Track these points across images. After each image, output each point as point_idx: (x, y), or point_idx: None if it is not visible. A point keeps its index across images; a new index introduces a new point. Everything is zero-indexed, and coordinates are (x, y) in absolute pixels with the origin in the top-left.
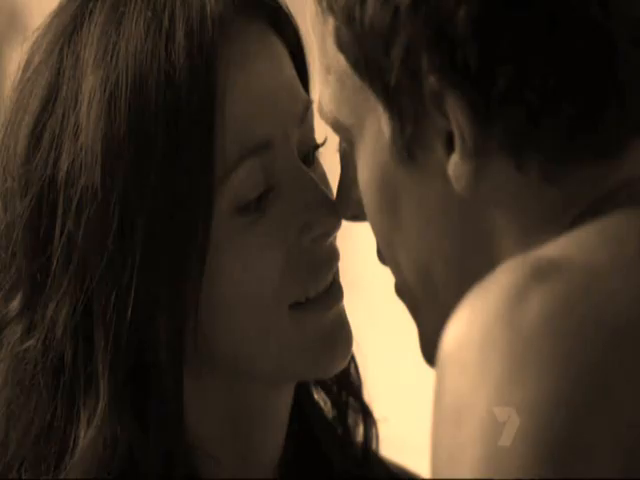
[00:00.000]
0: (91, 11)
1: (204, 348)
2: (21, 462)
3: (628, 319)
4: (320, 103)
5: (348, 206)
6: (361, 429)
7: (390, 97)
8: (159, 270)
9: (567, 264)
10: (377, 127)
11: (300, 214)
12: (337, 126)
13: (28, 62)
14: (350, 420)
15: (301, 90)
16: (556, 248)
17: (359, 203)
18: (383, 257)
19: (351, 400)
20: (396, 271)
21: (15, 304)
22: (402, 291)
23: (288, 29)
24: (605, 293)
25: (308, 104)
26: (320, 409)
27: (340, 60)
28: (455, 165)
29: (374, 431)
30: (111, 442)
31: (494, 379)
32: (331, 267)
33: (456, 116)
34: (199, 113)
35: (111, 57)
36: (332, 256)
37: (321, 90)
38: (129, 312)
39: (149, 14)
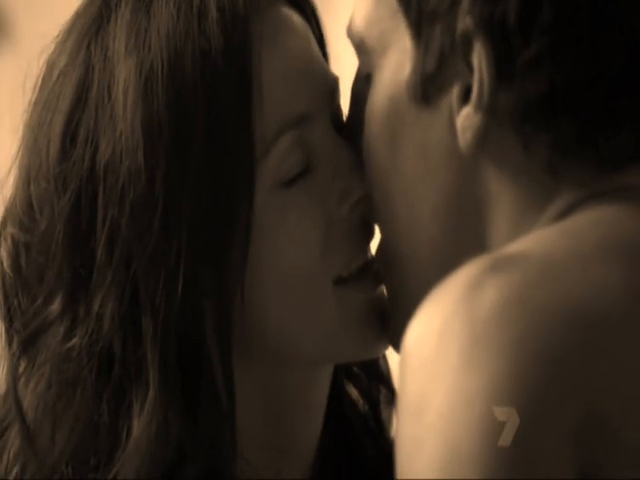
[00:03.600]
0: (116, 5)
1: (250, 331)
2: (67, 461)
3: (583, 307)
4: (351, 22)
5: None
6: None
7: (422, 26)
8: (204, 250)
9: (524, 257)
10: (399, 58)
11: (338, 181)
12: (361, 48)
13: (51, 67)
14: (385, 415)
15: (328, 67)
16: (516, 245)
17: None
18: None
19: (383, 391)
20: (385, 221)
21: (55, 307)
22: (384, 255)
23: (308, 9)
24: (560, 282)
25: (337, 81)
26: (354, 402)
27: None
28: (466, 116)
29: None
30: (163, 428)
31: (451, 367)
32: (369, 238)
33: (480, 65)
34: (237, 87)
35: (144, 42)
36: (369, 227)
37: (355, 9)
38: (178, 294)
39: None
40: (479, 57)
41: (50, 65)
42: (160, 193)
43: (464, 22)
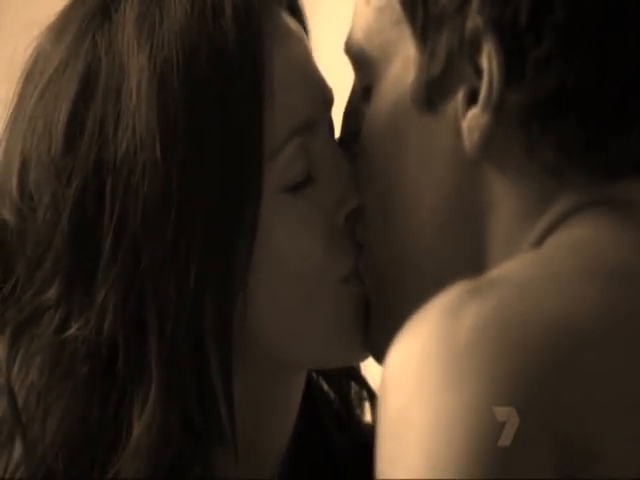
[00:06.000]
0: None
1: (248, 335)
2: (56, 453)
3: (562, 327)
4: (350, 34)
5: None
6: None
7: (428, 31)
8: (212, 248)
9: (503, 280)
10: (403, 65)
11: (336, 190)
12: (361, 59)
13: (46, 57)
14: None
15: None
16: (497, 270)
17: None
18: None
19: (354, 386)
20: (381, 231)
21: (50, 295)
22: (373, 268)
23: (303, 18)
24: (539, 303)
25: (332, 91)
26: (326, 395)
27: None
28: (473, 117)
29: None
30: (164, 431)
31: (431, 389)
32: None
33: (490, 65)
34: (251, 83)
35: (157, 36)
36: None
37: (355, 20)
38: (190, 293)
39: None
40: (489, 57)
41: (45, 54)
42: (176, 188)
43: (474, 22)
